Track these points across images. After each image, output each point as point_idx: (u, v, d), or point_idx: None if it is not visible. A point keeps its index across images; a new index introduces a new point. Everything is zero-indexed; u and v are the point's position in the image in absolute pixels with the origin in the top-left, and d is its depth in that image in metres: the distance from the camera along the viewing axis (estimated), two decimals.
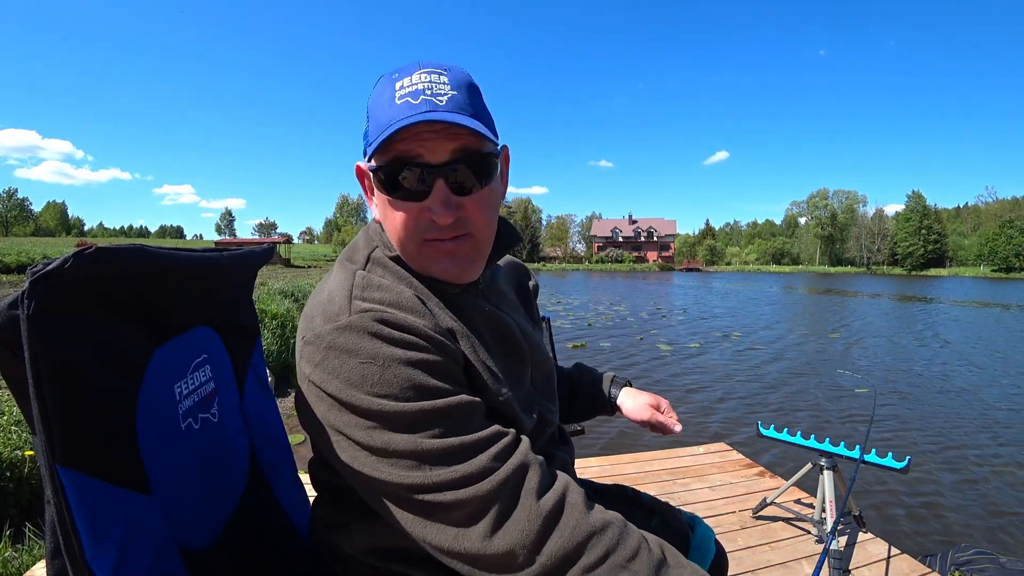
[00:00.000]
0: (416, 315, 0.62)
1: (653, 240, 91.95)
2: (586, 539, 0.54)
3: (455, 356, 0.63)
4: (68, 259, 0.49)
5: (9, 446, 2.57)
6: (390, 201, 0.64)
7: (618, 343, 9.93)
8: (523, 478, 0.56)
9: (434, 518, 0.55)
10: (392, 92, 0.62)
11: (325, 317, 0.61)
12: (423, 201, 0.62)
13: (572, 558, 0.53)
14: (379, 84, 0.65)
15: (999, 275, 65.58)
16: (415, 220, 0.63)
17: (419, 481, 0.54)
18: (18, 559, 2.04)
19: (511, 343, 0.74)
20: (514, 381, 0.72)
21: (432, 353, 0.59)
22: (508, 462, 0.56)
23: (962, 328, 13.14)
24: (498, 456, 0.56)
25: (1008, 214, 74.62)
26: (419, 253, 0.66)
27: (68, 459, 0.49)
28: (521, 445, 0.59)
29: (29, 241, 50.85)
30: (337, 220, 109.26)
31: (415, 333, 0.59)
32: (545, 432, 0.77)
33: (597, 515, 0.56)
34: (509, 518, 0.53)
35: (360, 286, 0.63)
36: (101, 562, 0.51)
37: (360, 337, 0.57)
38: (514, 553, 0.52)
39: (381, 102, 0.62)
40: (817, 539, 2.17)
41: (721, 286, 34.05)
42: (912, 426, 5.17)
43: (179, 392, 0.70)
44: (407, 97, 0.60)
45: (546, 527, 0.53)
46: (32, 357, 0.47)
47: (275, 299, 7.77)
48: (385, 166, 0.62)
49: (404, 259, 0.68)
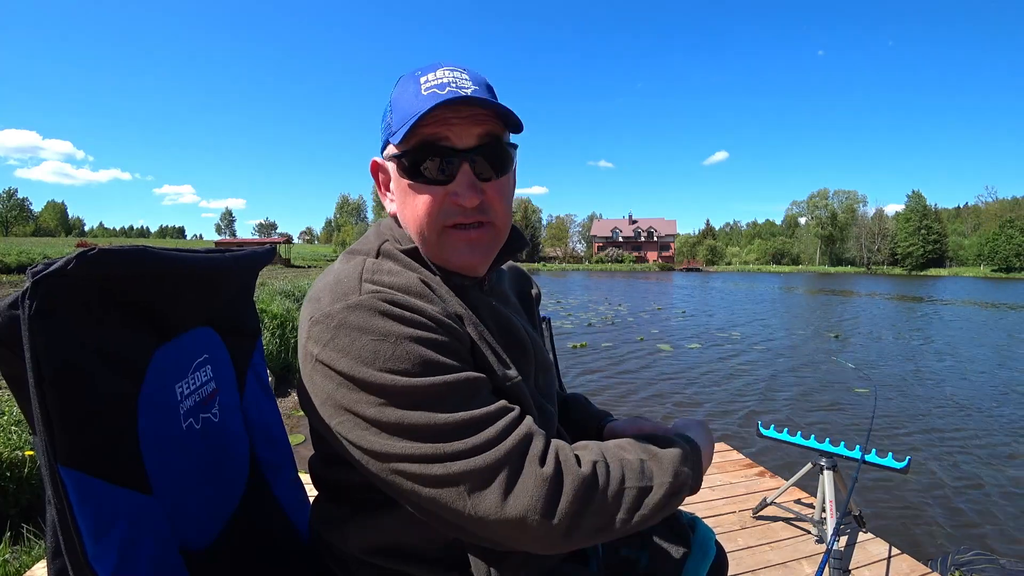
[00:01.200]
0: (424, 299, 0.63)
1: (653, 240, 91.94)
2: (585, 490, 0.57)
3: (462, 338, 0.64)
4: (70, 260, 0.49)
5: (9, 446, 2.57)
6: (412, 186, 0.66)
7: (618, 343, 9.93)
8: (527, 447, 0.58)
9: (447, 488, 0.56)
10: (417, 86, 0.65)
11: (334, 296, 0.61)
12: (447, 185, 0.65)
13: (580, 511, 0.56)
14: (402, 81, 0.68)
15: (999, 275, 65.56)
16: (439, 204, 0.66)
17: (431, 452, 0.55)
18: (18, 559, 2.04)
19: (517, 340, 0.75)
20: (523, 374, 0.73)
21: (440, 333, 0.61)
22: (514, 432, 0.58)
23: (962, 328, 13.14)
24: (506, 428, 0.58)
25: (1008, 214, 74.58)
26: (440, 241, 0.67)
27: (70, 459, 0.49)
28: (526, 419, 0.61)
29: (29, 241, 50.85)
30: (337, 220, 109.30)
31: (423, 314, 0.61)
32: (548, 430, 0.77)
33: (586, 461, 0.60)
34: (517, 484, 0.56)
35: (370, 270, 0.65)
36: (103, 562, 0.51)
37: (371, 315, 0.58)
38: (526, 517, 0.55)
39: (406, 95, 0.65)
40: (817, 539, 2.17)
41: (721, 286, 34.06)
42: (912, 426, 5.17)
43: (180, 392, 0.70)
44: (433, 88, 0.63)
45: (552, 489, 0.56)
46: (33, 357, 0.47)
47: (275, 299, 7.76)
48: (411, 151, 0.64)
49: (423, 250, 0.70)
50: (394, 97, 0.68)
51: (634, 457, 0.63)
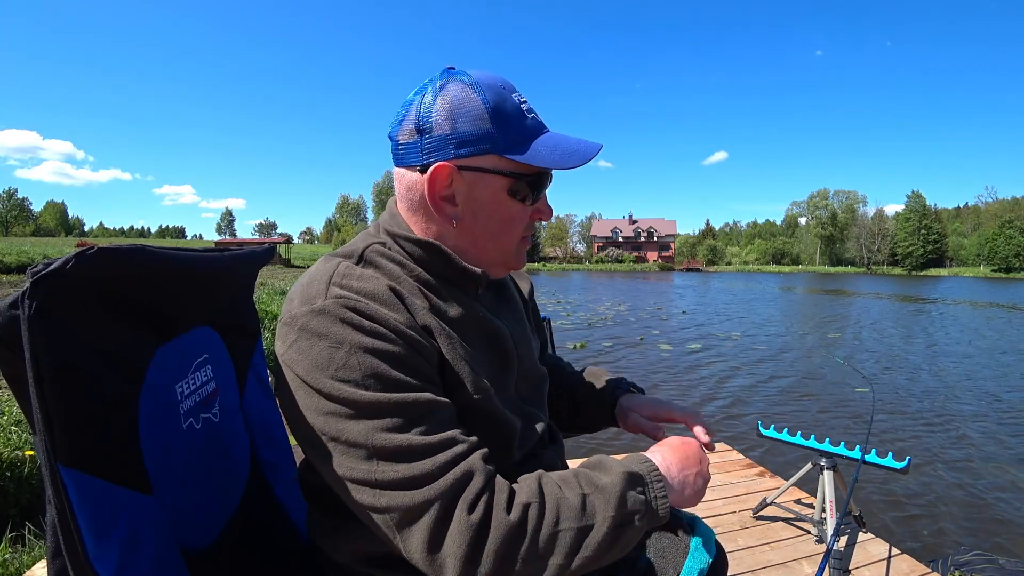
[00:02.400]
0: (389, 308, 0.62)
1: (653, 240, 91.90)
2: (511, 539, 0.54)
3: (426, 353, 0.63)
4: (70, 259, 0.49)
5: (9, 446, 2.57)
6: (510, 205, 0.69)
7: (618, 343, 9.92)
8: (462, 489, 0.55)
9: (377, 515, 0.56)
10: (516, 104, 0.68)
11: (302, 299, 0.62)
12: (532, 204, 0.71)
13: (506, 561, 0.54)
14: (491, 90, 0.67)
15: (999, 275, 65.54)
16: (527, 221, 0.72)
17: (364, 476, 0.55)
18: (18, 559, 2.04)
19: (499, 350, 0.74)
20: (498, 384, 0.72)
21: (400, 346, 0.59)
22: (451, 471, 0.56)
23: (962, 328, 13.13)
24: (444, 465, 0.56)
25: (1008, 214, 74.51)
26: (517, 250, 0.74)
27: (70, 459, 0.49)
28: (471, 457, 0.58)
29: (29, 241, 50.83)
30: (337, 220, 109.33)
31: (385, 324, 0.59)
32: (531, 435, 0.76)
33: (517, 505, 0.56)
34: (444, 527, 0.54)
35: (341, 274, 0.64)
36: (104, 562, 0.51)
37: (331, 322, 0.58)
38: (450, 564, 0.53)
39: (511, 112, 0.67)
40: (817, 539, 2.17)
41: (721, 286, 34.05)
42: (912, 426, 5.17)
43: (180, 392, 0.70)
44: (532, 114, 0.70)
45: (476, 538, 0.54)
46: (33, 357, 0.47)
47: (275, 299, 7.77)
48: (535, 177, 0.69)
49: (484, 258, 0.72)
50: (493, 105, 0.65)
51: (574, 494, 0.59)
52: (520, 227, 0.72)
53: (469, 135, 0.65)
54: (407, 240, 0.70)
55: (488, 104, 0.65)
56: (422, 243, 0.69)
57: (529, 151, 0.67)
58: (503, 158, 0.66)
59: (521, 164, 0.67)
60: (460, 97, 0.65)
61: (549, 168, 0.68)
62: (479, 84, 0.66)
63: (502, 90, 0.67)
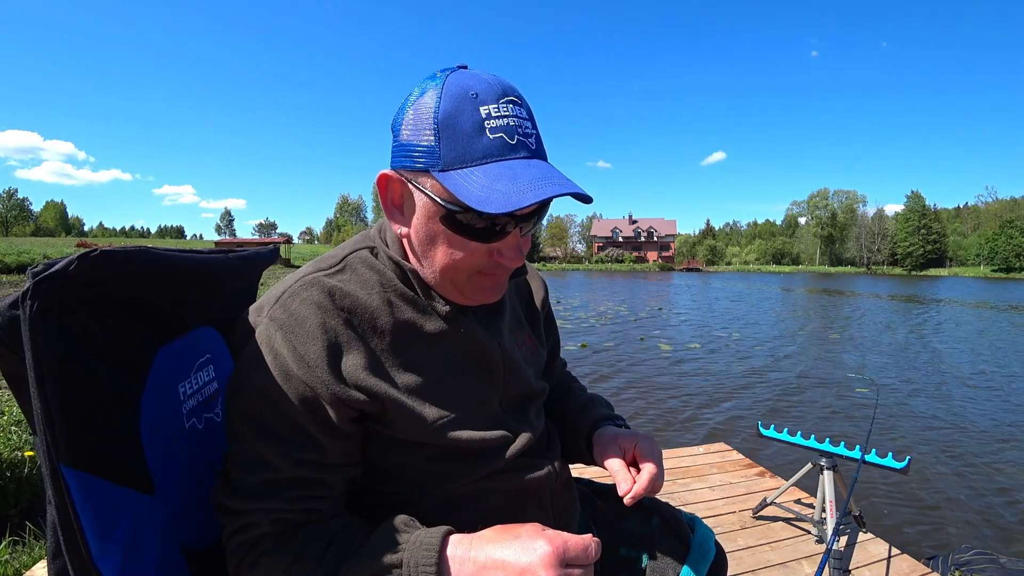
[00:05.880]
0: (311, 341, 0.61)
1: (653, 240, 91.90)
2: None
3: (343, 395, 0.60)
4: (72, 260, 0.49)
5: (9, 446, 2.58)
6: (451, 237, 0.61)
7: (619, 343, 9.92)
8: (249, 551, 0.60)
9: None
10: (478, 117, 0.57)
11: (258, 306, 0.65)
12: (492, 243, 0.61)
13: None
14: (452, 98, 0.58)
15: (999, 275, 65.57)
16: (479, 258, 0.62)
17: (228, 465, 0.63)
18: (18, 559, 2.04)
19: (483, 364, 0.71)
20: (478, 399, 0.70)
21: (308, 382, 0.59)
22: (250, 528, 0.60)
23: (962, 329, 13.14)
24: (258, 511, 0.60)
25: (1008, 214, 74.63)
26: (468, 283, 0.65)
27: (73, 459, 0.49)
28: (269, 517, 0.60)
29: (29, 241, 50.73)
30: (337, 220, 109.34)
31: (304, 357, 0.60)
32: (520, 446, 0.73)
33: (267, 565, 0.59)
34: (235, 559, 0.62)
35: (291, 292, 0.64)
36: (107, 561, 0.51)
37: (266, 337, 0.62)
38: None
39: (464, 126, 0.57)
40: (817, 539, 2.17)
41: (721, 286, 34.04)
42: (912, 426, 5.17)
43: (183, 392, 0.70)
44: (501, 133, 0.57)
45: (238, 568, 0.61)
46: (34, 357, 0.47)
47: None
48: (465, 211, 0.57)
49: (437, 284, 0.66)
50: (442, 117, 0.57)
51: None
52: (466, 262, 0.62)
53: (412, 146, 0.59)
54: (388, 249, 0.69)
55: (437, 114, 0.57)
56: (393, 259, 0.68)
57: (453, 176, 0.56)
58: (435, 179, 0.58)
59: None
60: (423, 103, 0.59)
61: (467, 203, 0.55)
62: (448, 89, 0.58)
63: (467, 99, 0.57)
